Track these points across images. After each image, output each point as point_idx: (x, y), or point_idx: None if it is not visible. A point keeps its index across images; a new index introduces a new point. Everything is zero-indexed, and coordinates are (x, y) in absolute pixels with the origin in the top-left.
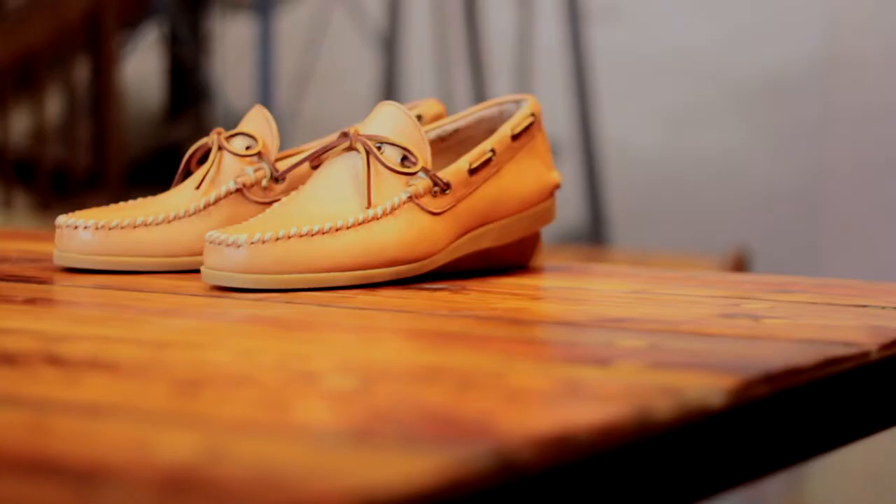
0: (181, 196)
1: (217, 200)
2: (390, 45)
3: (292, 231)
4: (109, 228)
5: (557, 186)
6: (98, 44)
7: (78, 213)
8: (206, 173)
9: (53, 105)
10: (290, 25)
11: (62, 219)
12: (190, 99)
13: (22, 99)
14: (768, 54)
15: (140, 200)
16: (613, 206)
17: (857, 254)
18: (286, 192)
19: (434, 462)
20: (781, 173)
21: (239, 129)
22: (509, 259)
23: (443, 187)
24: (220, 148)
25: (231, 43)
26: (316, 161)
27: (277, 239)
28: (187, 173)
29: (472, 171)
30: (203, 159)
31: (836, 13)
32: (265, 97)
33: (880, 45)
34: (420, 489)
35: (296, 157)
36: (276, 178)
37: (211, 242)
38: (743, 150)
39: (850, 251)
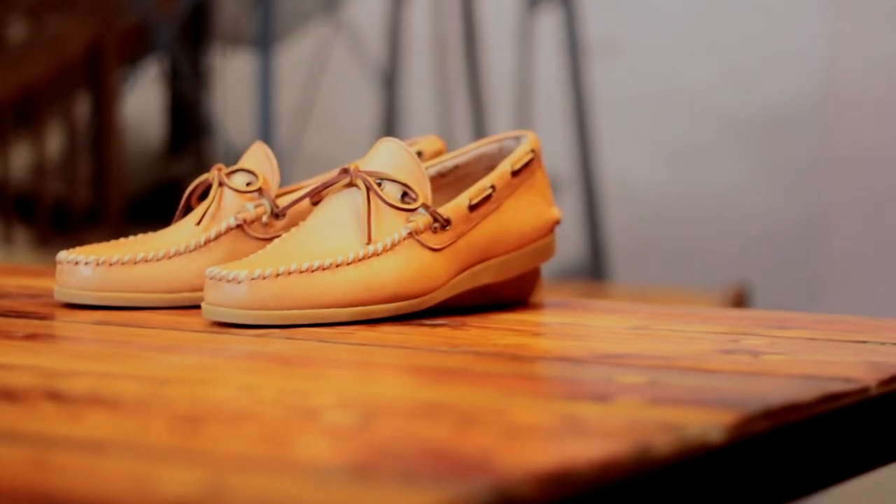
0: (182, 232)
1: (218, 236)
2: (390, 82)
3: (292, 267)
4: (110, 264)
5: (557, 222)
6: (98, 79)
7: (79, 248)
8: (207, 209)
9: (54, 140)
10: (290, 61)
11: (63, 255)
12: (190, 135)
13: (22, 134)
14: (768, 91)
15: (141, 236)
16: (613, 242)
17: (857, 289)
18: (287, 228)
19: (434, 498)
20: (781, 209)
21: (239, 165)
22: (509, 295)
23: (443, 223)
24: (220, 184)
25: (231, 79)
26: (316, 197)
27: (278, 275)
28: (188, 209)
29: (473, 208)
30: (204, 195)
31: (836, 50)
32: (265, 133)
33: (879, 82)
34: None
35: (296, 193)
36: (276, 215)
37: (211, 278)
38: (743, 187)
39: (850, 287)
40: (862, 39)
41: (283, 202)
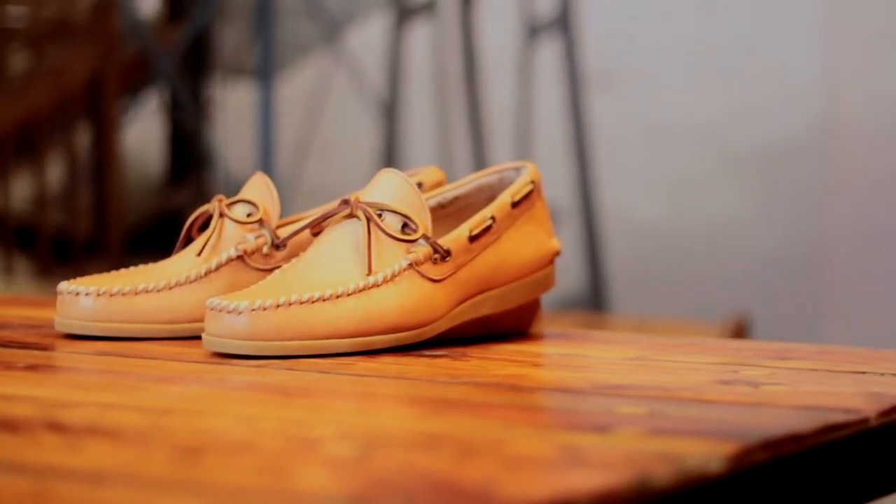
0: (182, 263)
1: (218, 267)
2: (391, 113)
3: (293, 298)
4: (111, 295)
5: (557, 253)
6: (99, 110)
7: (79, 279)
8: (208, 240)
9: (54, 171)
10: (290, 92)
11: (63, 285)
12: (191, 165)
13: (23, 165)
14: (768, 123)
15: (141, 267)
16: (613, 273)
17: (857, 320)
18: (287, 258)
19: None
20: (781, 240)
21: (240, 196)
22: (509, 326)
23: (443, 254)
24: (221, 215)
25: (232, 109)
26: (317, 228)
27: (278, 306)
28: (188, 240)
29: (473, 239)
30: (204, 226)
31: (835, 83)
32: (266, 164)
33: (879, 114)
34: None
35: (297, 224)
36: (276, 245)
37: (212, 309)
38: (743, 218)
39: (850, 317)
40: (861, 72)
41: (283, 233)
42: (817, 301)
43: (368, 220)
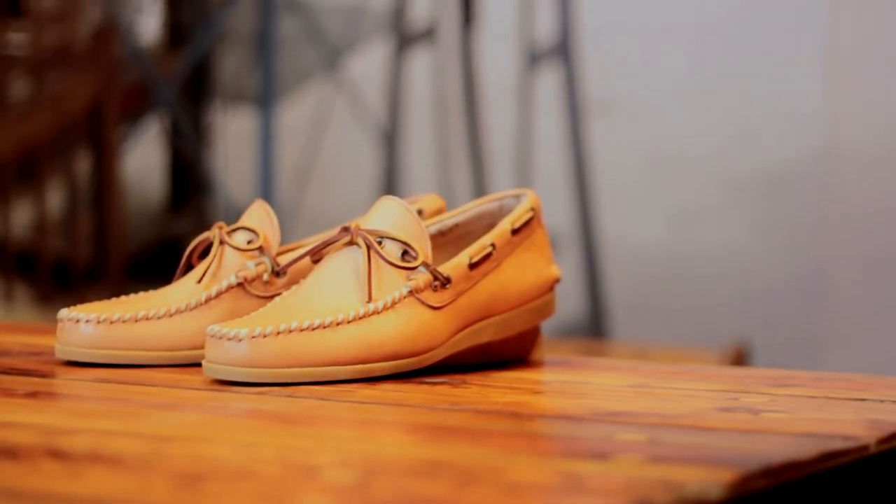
0: (182, 290)
1: (218, 294)
2: (391, 140)
3: (293, 325)
4: (111, 322)
5: (557, 281)
6: (99, 137)
7: (80, 306)
8: (208, 267)
9: (55, 198)
10: (291, 119)
11: (64, 312)
12: (191, 192)
13: (24, 192)
14: (768, 149)
15: (141, 294)
16: (613, 300)
17: (858, 347)
18: (287, 286)
19: None
20: (782, 267)
21: (240, 223)
22: (509, 353)
23: (443, 282)
24: (221, 242)
25: (232, 137)
26: (317, 255)
27: (278, 333)
28: (189, 267)
29: (473, 266)
30: (204, 253)
31: (836, 108)
32: (266, 191)
33: (879, 141)
34: None
35: (297, 251)
36: (277, 273)
37: (212, 336)
38: (743, 245)
39: (851, 344)
40: (862, 99)
41: (283, 260)
42: (818, 328)
43: (368, 247)
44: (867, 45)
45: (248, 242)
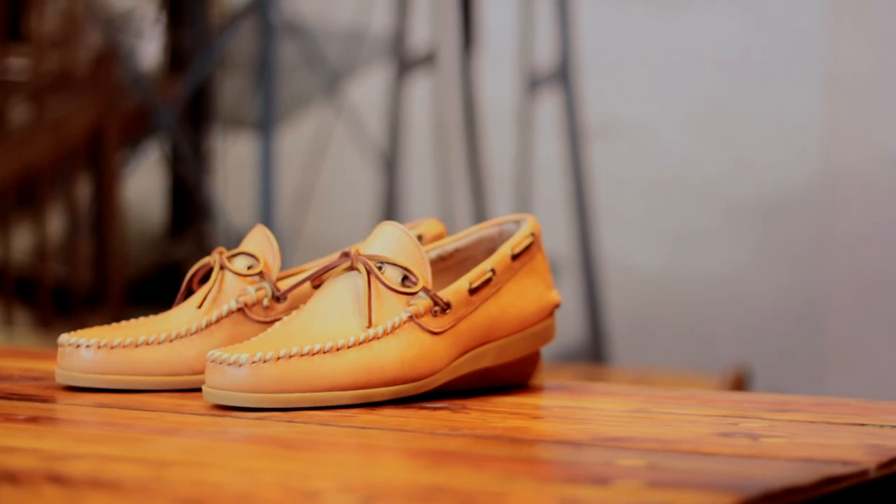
0: (183, 315)
1: (219, 319)
2: (391, 165)
3: (293, 350)
4: (111, 347)
5: (557, 306)
6: (100, 162)
7: (80, 331)
8: (208, 293)
9: (55, 223)
10: (291, 144)
11: (64, 337)
12: (191, 217)
13: (24, 216)
14: (768, 174)
15: (142, 319)
16: (613, 325)
17: (858, 371)
18: (287, 311)
19: None
20: (782, 292)
21: (241, 248)
22: (509, 378)
23: (443, 307)
24: (221, 267)
25: (232, 162)
26: (317, 281)
27: (279, 358)
28: (189, 292)
29: (473, 291)
30: (205, 278)
31: (837, 134)
32: (266, 216)
33: (881, 166)
34: None
35: (297, 276)
36: (277, 298)
37: (212, 361)
38: (744, 269)
39: (851, 369)
40: (863, 125)
41: (284, 285)
42: (818, 353)
43: (369, 272)
44: (867, 72)
45: (249, 267)
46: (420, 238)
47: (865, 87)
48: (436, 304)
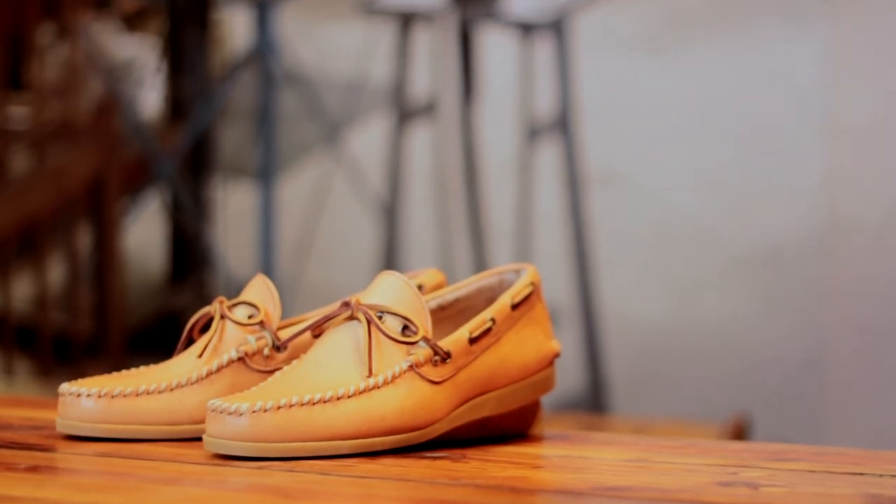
0: (183, 364)
1: (219, 369)
2: (391, 214)
3: (294, 399)
4: (112, 396)
5: (557, 355)
6: (100, 211)
7: (81, 380)
8: (209, 342)
9: (55, 271)
10: (291, 193)
11: (65, 386)
12: (191, 266)
13: (24, 265)
14: (768, 223)
15: (142, 368)
16: (613, 374)
17: (859, 420)
18: (288, 360)
19: None
20: (782, 341)
21: (241, 297)
22: (509, 427)
23: (443, 356)
24: (222, 317)
25: (233, 211)
26: (318, 330)
27: (279, 407)
28: (189, 341)
29: (473, 341)
30: (205, 328)
31: (838, 182)
32: (266, 265)
33: (881, 213)
34: None
35: (298, 325)
36: (277, 347)
37: (213, 410)
38: (744, 318)
39: (852, 418)
40: (864, 173)
41: (284, 335)
42: (818, 402)
43: (369, 322)
44: (869, 119)
45: (249, 317)
46: (420, 288)
47: (866, 137)
48: (436, 353)
